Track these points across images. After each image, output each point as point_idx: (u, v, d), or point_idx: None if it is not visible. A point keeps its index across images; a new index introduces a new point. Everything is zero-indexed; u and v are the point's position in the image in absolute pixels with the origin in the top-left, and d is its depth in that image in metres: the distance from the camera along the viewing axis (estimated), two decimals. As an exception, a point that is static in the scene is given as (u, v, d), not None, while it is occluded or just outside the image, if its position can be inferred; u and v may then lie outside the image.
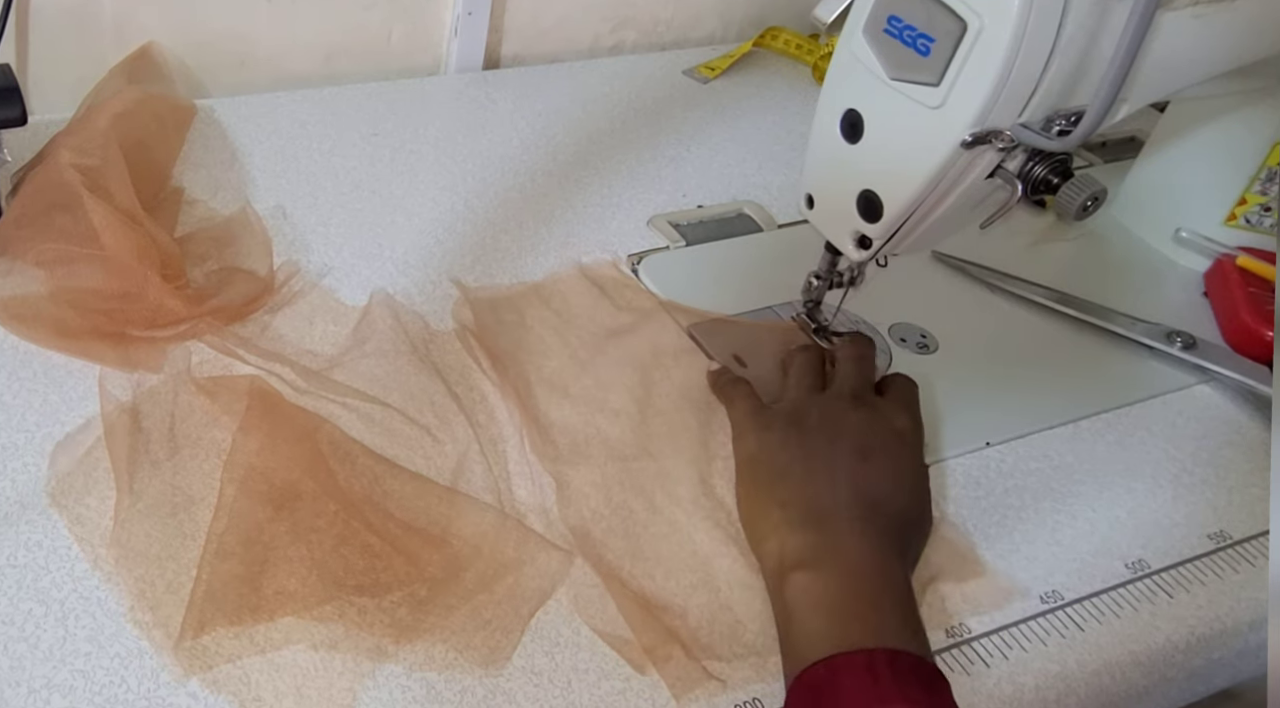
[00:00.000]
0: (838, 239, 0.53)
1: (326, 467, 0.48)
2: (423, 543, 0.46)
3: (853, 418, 0.49)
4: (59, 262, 0.54)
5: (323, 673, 0.41)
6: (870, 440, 0.49)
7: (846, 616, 0.42)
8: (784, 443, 0.49)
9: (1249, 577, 0.52)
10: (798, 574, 0.43)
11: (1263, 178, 0.67)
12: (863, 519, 0.45)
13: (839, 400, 0.51)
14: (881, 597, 0.43)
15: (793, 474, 0.47)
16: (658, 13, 0.90)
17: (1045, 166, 0.47)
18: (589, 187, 0.71)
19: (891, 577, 0.44)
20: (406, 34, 0.81)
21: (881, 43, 0.45)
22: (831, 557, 0.44)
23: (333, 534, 0.45)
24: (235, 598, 0.42)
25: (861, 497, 0.46)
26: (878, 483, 0.47)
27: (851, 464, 0.47)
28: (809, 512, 0.46)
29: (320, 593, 0.43)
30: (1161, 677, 0.48)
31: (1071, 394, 0.60)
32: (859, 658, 0.40)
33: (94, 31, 0.70)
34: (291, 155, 0.70)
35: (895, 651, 0.40)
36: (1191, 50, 0.47)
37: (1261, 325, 0.64)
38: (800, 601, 0.43)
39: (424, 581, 0.45)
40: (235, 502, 0.45)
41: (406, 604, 0.44)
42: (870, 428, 0.49)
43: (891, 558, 0.44)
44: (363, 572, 0.44)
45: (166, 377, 0.52)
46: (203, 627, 0.41)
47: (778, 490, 0.47)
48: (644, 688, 0.43)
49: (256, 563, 0.44)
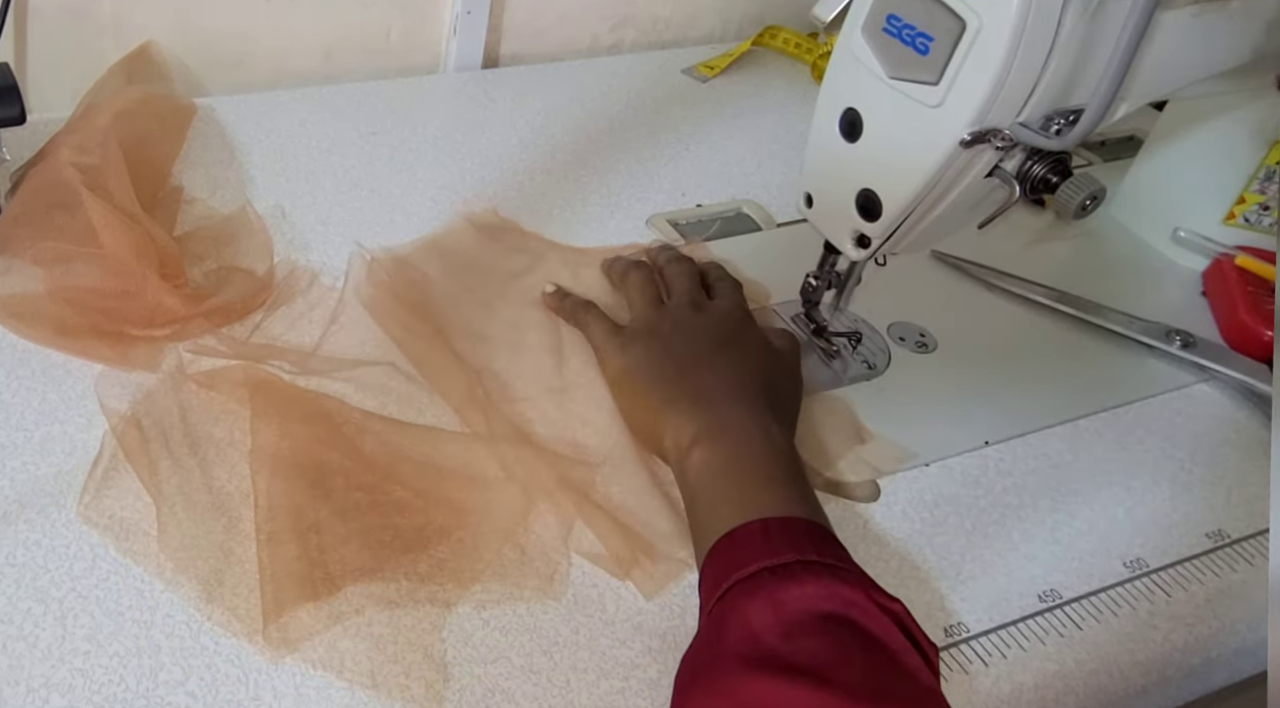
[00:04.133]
0: (837, 238, 0.53)
1: (345, 437, 0.50)
2: (460, 486, 0.49)
3: (700, 319, 0.55)
4: (58, 260, 0.54)
5: (399, 630, 0.43)
6: (721, 333, 0.54)
7: (743, 485, 0.45)
8: (649, 352, 0.53)
9: (1247, 576, 0.52)
10: (695, 451, 0.47)
11: (1261, 177, 0.67)
12: (740, 396, 0.50)
13: (683, 309, 0.56)
14: (773, 467, 0.46)
15: (667, 375, 0.52)
16: (657, 11, 0.90)
17: (1044, 165, 0.47)
18: (588, 185, 0.71)
19: (776, 443, 0.47)
20: (406, 32, 0.81)
21: (880, 41, 0.45)
22: (721, 430, 0.48)
23: (370, 500, 0.47)
24: (300, 577, 0.44)
25: (732, 380, 0.51)
26: (740, 363, 0.52)
27: (714, 356, 0.52)
28: (695, 399, 0.50)
29: (375, 558, 0.45)
30: (1160, 676, 0.48)
31: (1070, 393, 0.60)
32: (755, 526, 0.43)
33: (93, 30, 0.70)
34: (290, 154, 0.70)
35: (788, 517, 0.43)
36: (1190, 50, 0.47)
37: (1260, 325, 0.64)
38: (701, 476, 0.47)
39: (465, 524, 0.47)
40: (270, 488, 0.46)
41: (456, 554, 0.46)
42: (719, 323, 0.55)
43: (771, 424, 0.48)
44: (408, 531, 0.46)
45: (163, 378, 0.52)
46: (281, 610, 0.43)
47: (658, 392, 0.51)
48: (644, 688, 0.43)
49: (309, 541, 0.45)
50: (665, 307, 0.57)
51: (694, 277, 0.59)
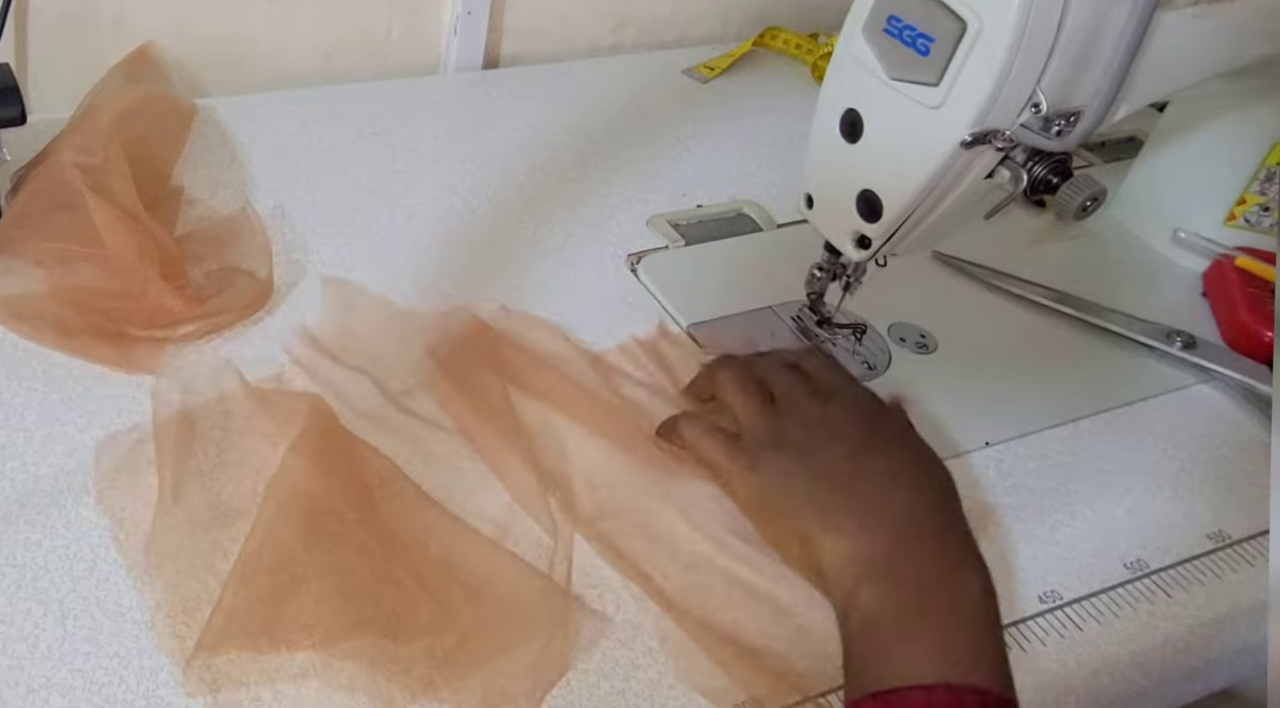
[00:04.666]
0: (837, 239, 0.53)
1: (371, 499, 0.47)
2: (457, 593, 0.44)
3: (829, 414, 0.48)
4: (59, 260, 0.54)
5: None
6: (860, 429, 0.47)
7: (913, 640, 0.39)
8: (786, 468, 0.46)
9: (1248, 576, 0.52)
10: (863, 591, 0.41)
11: (1262, 178, 0.67)
12: (908, 515, 0.43)
13: (802, 404, 0.49)
14: (945, 613, 0.40)
15: (816, 495, 0.45)
16: (657, 12, 0.90)
17: (1045, 166, 0.47)
18: (588, 186, 0.71)
19: (960, 585, 0.40)
20: (406, 33, 0.81)
21: (881, 42, 0.45)
22: (893, 566, 0.41)
23: (366, 569, 0.44)
24: (257, 621, 0.41)
25: (894, 491, 0.44)
26: (896, 465, 0.45)
27: (863, 460, 0.45)
28: (858, 526, 0.43)
29: (343, 629, 0.42)
30: (1160, 677, 0.48)
31: (1070, 394, 0.60)
32: (915, 696, 0.36)
33: (93, 31, 0.70)
34: (291, 154, 0.70)
35: (960, 688, 0.37)
36: (1191, 50, 0.47)
37: (1261, 326, 0.64)
38: (868, 619, 0.40)
39: (450, 632, 0.43)
40: (273, 521, 0.44)
41: (427, 658, 0.42)
42: (852, 416, 0.48)
43: (953, 546, 0.42)
44: (390, 613, 0.43)
45: (220, 384, 0.51)
46: (218, 646, 0.40)
47: (812, 518, 0.44)
48: (643, 688, 0.43)
49: (284, 588, 0.42)
50: (779, 405, 0.49)
51: (787, 361, 0.52)
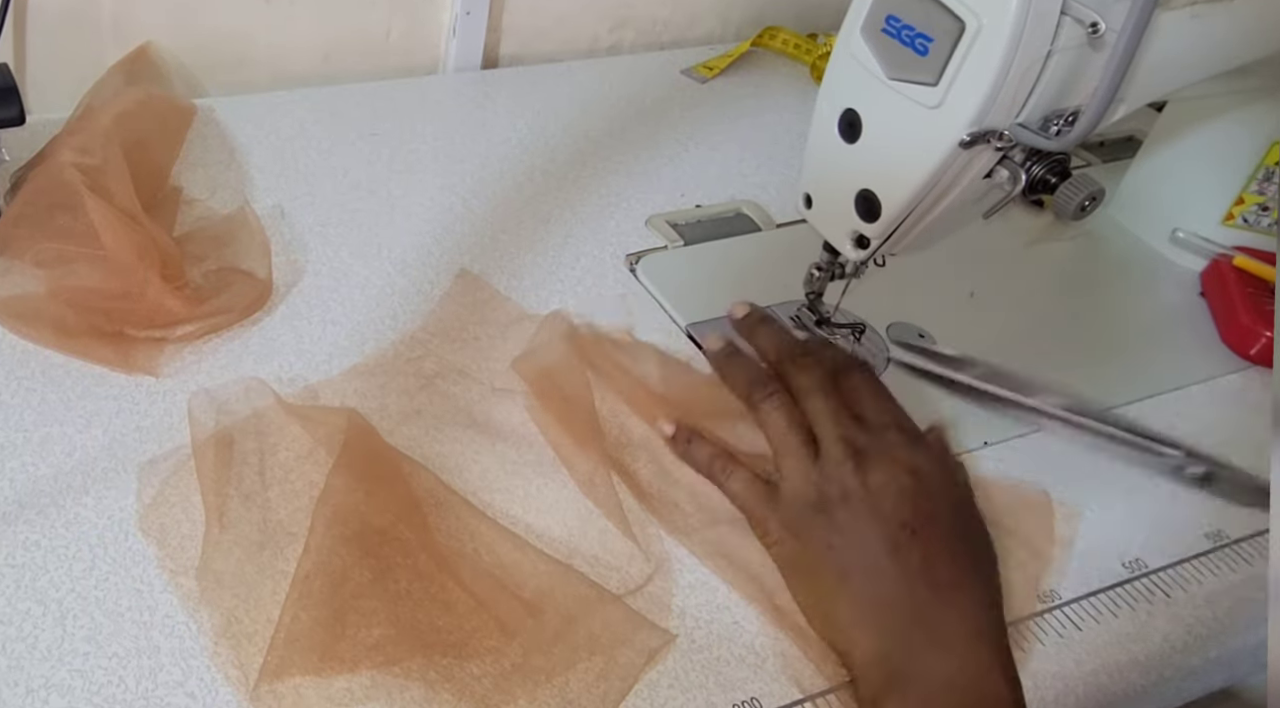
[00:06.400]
0: (836, 239, 0.53)
1: (421, 514, 0.46)
2: (515, 608, 0.44)
3: (862, 489, 0.43)
4: (59, 261, 0.54)
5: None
6: (891, 509, 0.42)
7: None
8: (822, 544, 0.43)
9: (1247, 576, 0.52)
10: (887, 703, 0.39)
11: (1260, 177, 0.67)
12: (939, 623, 0.40)
13: (839, 471, 0.44)
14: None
15: (848, 581, 0.42)
16: (656, 12, 0.90)
17: (1043, 166, 0.47)
18: (587, 186, 0.71)
19: (986, 692, 0.38)
20: (405, 33, 0.81)
21: (879, 42, 0.45)
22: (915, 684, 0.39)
23: (422, 587, 0.43)
24: (318, 645, 0.41)
25: (924, 597, 0.40)
26: (927, 567, 0.41)
27: (897, 557, 0.41)
28: (884, 630, 0.40)
29: (404, 649, 0.41)
30: (1159, 676, 0.48)
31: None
32: None
33: (93, 31, 0.70)
34: (290, 155, 0.70)
35: None
36: (1189, 50, 0.47)
37: (1259, 326, 0.64)
38: None
39: (512, 648, 0.42)
40: (324, 543, 0.43)
41: (491, 675, 0.41)
42: (886, 491, 0.43)
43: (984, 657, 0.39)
44: (449, 631, 0.42)
45: (253, 402, 0.51)
46: (281, 673, 0.40)
47: (841, 605, 0.42)
48: (643, 688, 0.43)
49: (342, 610, 0.42)
50: (821, 457, 0.45)
51: (839, 398, 0.46)
